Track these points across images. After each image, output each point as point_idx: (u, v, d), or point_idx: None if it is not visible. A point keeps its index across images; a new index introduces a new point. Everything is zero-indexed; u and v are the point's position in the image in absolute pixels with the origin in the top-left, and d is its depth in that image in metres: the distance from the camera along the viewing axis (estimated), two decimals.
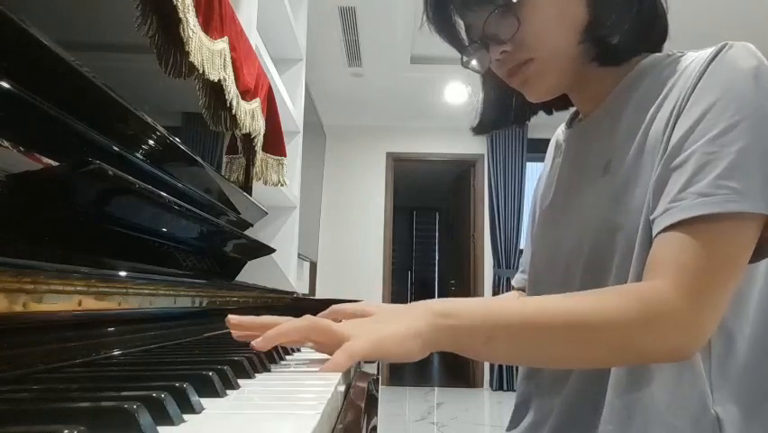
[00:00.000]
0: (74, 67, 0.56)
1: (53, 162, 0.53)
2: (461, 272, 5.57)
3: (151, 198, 0.64)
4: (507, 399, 4.43)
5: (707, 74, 0.56)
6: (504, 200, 4.92)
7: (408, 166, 5.41)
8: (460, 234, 5.65)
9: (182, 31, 0.88)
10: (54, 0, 0.63)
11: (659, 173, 0.57)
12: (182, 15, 0.87)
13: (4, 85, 0.48)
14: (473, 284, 5.05)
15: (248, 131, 1.25)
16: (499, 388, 4.74)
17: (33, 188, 0.49)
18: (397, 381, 5.19)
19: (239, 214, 1.20)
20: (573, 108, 0.78)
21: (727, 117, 0.53)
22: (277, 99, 1.67)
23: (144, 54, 0.86)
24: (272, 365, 0.55)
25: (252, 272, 1.22)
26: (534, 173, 4.93)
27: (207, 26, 0.98)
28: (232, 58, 1.10)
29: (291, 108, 2.36)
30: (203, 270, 0.96)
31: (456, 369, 5.54)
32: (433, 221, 8.63)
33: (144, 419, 0.28)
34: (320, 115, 4.61)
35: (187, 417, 0.33)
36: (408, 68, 3.96)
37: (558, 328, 0.53)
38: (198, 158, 0.92)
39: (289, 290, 1.53)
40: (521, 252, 3.30)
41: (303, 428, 0.31)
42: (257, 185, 1.47)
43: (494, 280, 4.89)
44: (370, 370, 0.69)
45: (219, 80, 1.03)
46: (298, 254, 2.70)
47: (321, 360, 0.52)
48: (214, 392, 0.39)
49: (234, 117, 1.16)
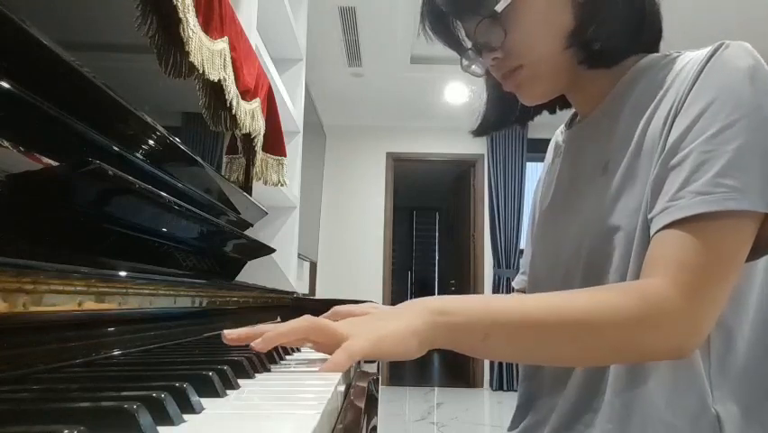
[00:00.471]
0: (74, 67, 0.56)
1: (53, 162, 0.53)
2: (461, 272, 5.57)
3: (151, 198, 0.64)
4: (507, 399, 4.43)
5: (703, 74, 0.56)
6: (504, 200, 4.92)
7: (408, 166, 5.41)
8: (460, 234, 5.65)
9: (182, 31, 0.88)
10: (54, 0, 0.63)
11: (657, 173, 0.57)
12: (182, 15, 0.87)
13: (4, 85, 0.48)
14: (473, 284, 5.05)
15: (248, 131, 1.25)
16: (499, 388, 4.74)
17: (33, 188, 0.49)
18: (397, 381, 5.19)
19: (239, 214, 1.20)
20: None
21: (724, 116, 0.53)
22: (277, 99, 1.67)
23: (144, 54, 0.86)
24: (272, 365, 0.55)
25: (252, 272, 1.22)
26: (534, 173, 4.92)
27: (207, 26, 0.98)
28: (232, 58, 1.10)
29: (291, 108, 2.36)
30: (203, 270, 0.96)
31: (456, 369, 5.54)
32: (433, 221, 8.63)
33: (144, 419, 0.28)
34: (320, 115, 4.61)
35: (187, 417, 0.33)
36: (408, 68, 3.96)
37: (557, 326, 0.53)
38: (198, 158, 0.92)
39: (289, 290, 1.53)
40: (521, 252, 3.32)
41: (303, 428, 0.31)
42: (257, 185, 1.47)
43: (494, 280, 4.89)
44: (370, 370, 0.69)
45: (219, 80, 1.03)
46: (298, 254, 2.70)
47: (321, 360, 0.52)
48: (215, 392, 0.39)
49: (234, 117, 1.16)
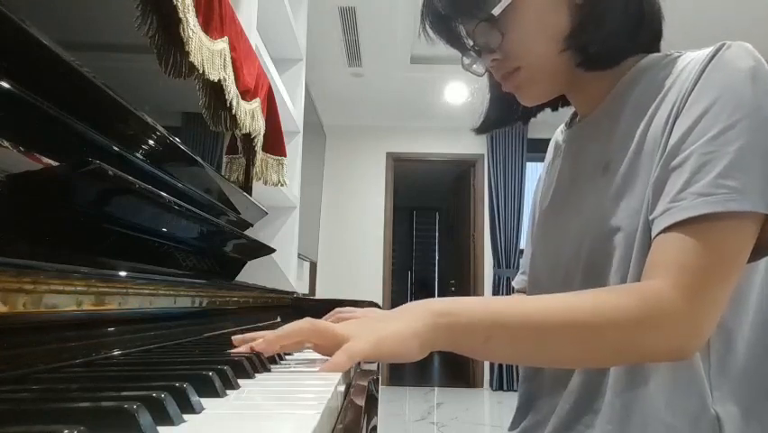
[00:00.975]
0: (74, 67, 0.56)
1: (53, 162, 0.53)
2: (461, 272, 5.57)
3: (151, 198, 0.64)
4: (507, 399, 4.43)
5: (705, 74, 0.56)
6: (504, 200, 4.92)
7: (408, 166, 5.41)
8: (460, 234, 5.65)
9: (182, 31, 0.88)
10: (54, 0, 0.63)
11: (658, 174, 0.57)
12: (182, 15, 0.87)
13: (4, 85, 0.48)
14: (473, 284, 5.05)
15: (248, 131, 1.25)
16: (499, 388, 4.74)
17: (33, 188, 0.49)
18: (397, 381, 5.19)
19: (239, 214, 1.20)
20: None
21: (726, 117, 0.53)
22: (277, 99, 1.67)
23: (144, 54, 0.86)
24: (272, 365, 0.55)
25: (252, 272, 1.22)
26: (534, 173, 4.92)
27: (207, 26, 0.98)
28: (232, 58, 1.10)
29: (291, 108, 2.36)
30: (203, 270, 0.96)
31: (456, 369, 5.54)
32: (433, 221, 8.63)
33: (144, 419, 0.28)
34: (320, 114, 4.61)
35: (187, 417, 0.33)
36: (408, 68, 3.96)
37: (557, 328, 0.53)
38: (198, 158, 0.92)
39: (289, 290, 1.53)
40: (521, 252, 3.31)
41: (303, 428, 0.31)
42: (257, 185, 1.47)
43: (494, 280, 4.89)
44: (370, 369, 0.69)
45: (219, 80, 1.03)
46: (298, 254, 2.70)
47: (321, 360, 0.52)
48: (215, 392, 0.39)
49: (234, 117, 1.16)
